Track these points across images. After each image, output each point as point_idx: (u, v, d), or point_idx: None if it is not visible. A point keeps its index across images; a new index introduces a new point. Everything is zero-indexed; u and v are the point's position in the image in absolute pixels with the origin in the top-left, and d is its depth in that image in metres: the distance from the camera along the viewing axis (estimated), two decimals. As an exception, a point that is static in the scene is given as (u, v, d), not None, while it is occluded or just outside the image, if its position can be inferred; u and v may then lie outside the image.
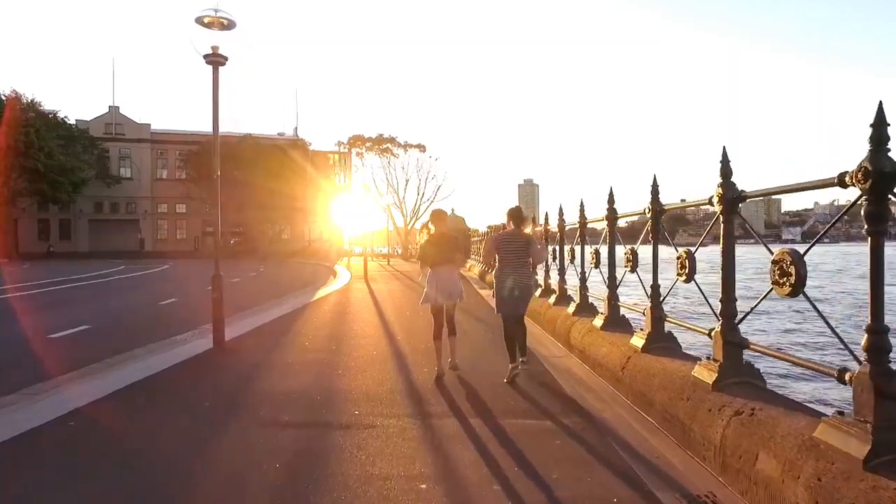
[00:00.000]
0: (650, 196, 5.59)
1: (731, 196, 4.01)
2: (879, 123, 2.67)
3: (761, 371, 4.19)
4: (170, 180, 66.36)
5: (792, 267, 3.16)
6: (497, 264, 6.50)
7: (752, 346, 4.01)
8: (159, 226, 67.61)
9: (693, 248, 4.73)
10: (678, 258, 4.77)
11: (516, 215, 6.61)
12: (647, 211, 5.67)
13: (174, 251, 63.62)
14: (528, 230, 7.05)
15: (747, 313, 4.10)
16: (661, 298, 5.60)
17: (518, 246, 6.38)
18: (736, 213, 4.08)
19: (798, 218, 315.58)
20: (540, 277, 11.62)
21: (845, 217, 4.05)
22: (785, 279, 3.21)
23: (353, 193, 67.25)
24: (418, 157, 53.31)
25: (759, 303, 3.94)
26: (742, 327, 4.19)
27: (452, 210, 44.51)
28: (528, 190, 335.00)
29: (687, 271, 4.68)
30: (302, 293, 17.03)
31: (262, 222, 65.82)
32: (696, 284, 4.78)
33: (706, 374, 4.17)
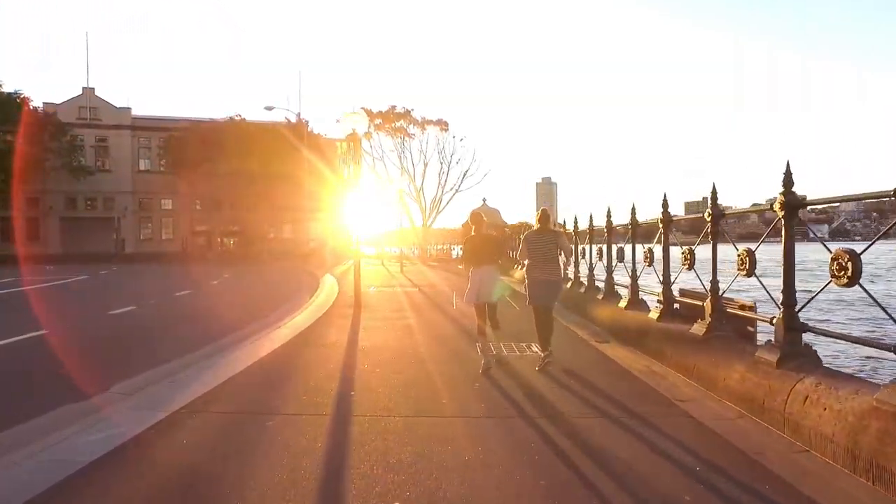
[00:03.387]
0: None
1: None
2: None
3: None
4: (154, 173, 56.89)
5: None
6: (528, 261, 6.98)
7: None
8: (143, 224, 58.17)
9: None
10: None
11: (544, 216, 7.06)
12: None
13: (159, 253, 54.23)
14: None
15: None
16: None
17: (546, 241, 6.91)
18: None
19: (824, 216, 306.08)
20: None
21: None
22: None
23: (363, 183, 57.59)
24: (438, 138, 42.91)
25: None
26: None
27: (484, 200, 34.31)
28: (546, 188, 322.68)
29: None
30: (195, 361, 7.03)
31: (260, 221, 56.14)
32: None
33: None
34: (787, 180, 4.74)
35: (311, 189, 49.98)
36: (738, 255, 5.44)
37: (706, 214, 6.34)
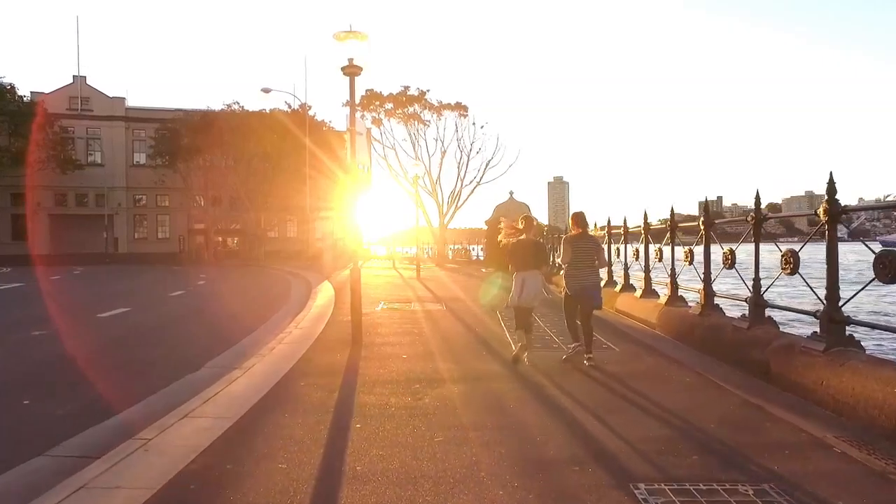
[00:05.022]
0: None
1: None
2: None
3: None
4: (149, 167, 52.08)
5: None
6: (568, 265, 6.83)
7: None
8: (137, 222, 53.76)
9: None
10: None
11: (581, 220, 6.90)
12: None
13: (154, 253, 50.05)
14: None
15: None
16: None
17: (588, 248, 6.79)
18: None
19: (844, 215, 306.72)
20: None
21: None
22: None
23: (373, 176, 52.83)
24: (457, 124, 37.79)
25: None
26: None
27: (511, 194, 29.42)
28: (559, 188, 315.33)
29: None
30: None
31: (260, 219, 51.38)
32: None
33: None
34: None
35: (316, 184, 45.18)
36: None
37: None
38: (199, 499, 3.16)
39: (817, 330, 5.49)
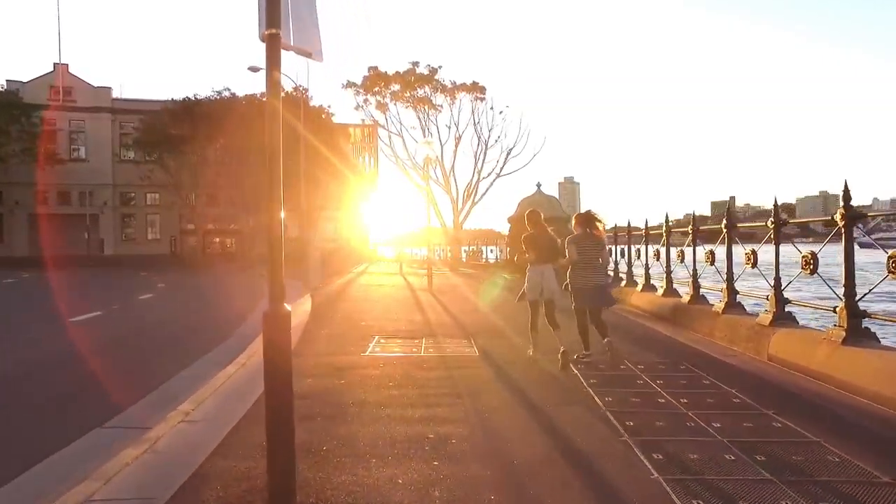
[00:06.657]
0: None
1: None
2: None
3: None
4: (138, 162, 47.50)
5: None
6: (572, 265, 6.70)
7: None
8: (126, 222, 49.29)
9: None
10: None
11: (586, 220, 6.78)
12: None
13: (144, 255, 45.64)
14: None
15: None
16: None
17: (590, 247, 6.67)
18: None
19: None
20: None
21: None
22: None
23: (380, 173, 48.08)
24: (473, 107, 32.71)
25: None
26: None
27: (538, 186, 24.46)
28: (569, 188, 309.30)
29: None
30: None
31: (251, 219, 46.56)
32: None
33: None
34: None
35: (317, 180, 40.23)
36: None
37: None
38: None
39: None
